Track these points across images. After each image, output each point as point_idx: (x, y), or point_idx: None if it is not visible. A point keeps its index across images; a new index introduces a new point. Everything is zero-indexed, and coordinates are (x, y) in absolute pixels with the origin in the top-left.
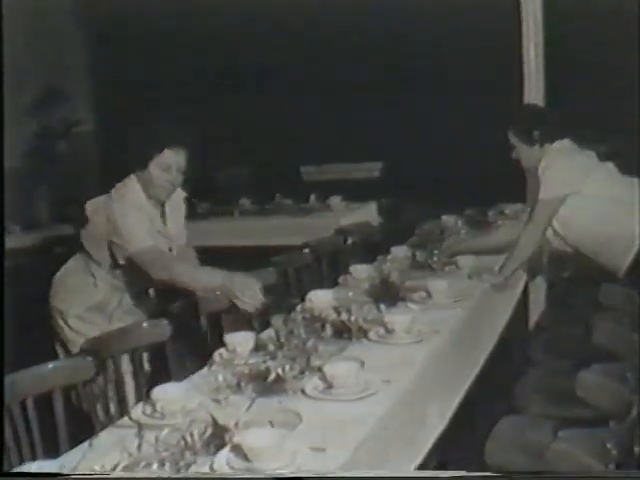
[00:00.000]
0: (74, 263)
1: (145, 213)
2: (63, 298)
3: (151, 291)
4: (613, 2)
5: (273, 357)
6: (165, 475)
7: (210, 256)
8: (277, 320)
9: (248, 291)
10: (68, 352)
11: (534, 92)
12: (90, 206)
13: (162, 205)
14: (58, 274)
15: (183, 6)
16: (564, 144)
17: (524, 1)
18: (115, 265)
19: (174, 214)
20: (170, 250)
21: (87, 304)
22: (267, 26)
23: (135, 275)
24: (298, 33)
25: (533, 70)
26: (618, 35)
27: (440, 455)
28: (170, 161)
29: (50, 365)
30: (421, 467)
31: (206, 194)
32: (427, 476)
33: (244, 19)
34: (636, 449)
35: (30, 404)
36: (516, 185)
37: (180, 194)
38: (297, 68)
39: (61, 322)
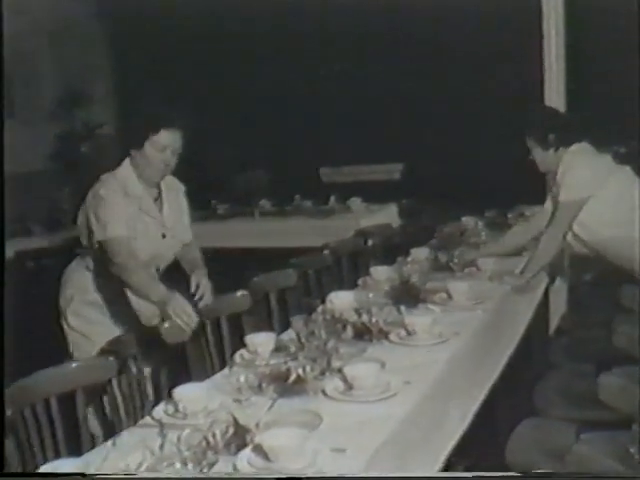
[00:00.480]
0: (75, 263)
1: (132, 197)
2: (63, 296)
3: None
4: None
5: (294, 358)
6: (188, 475)
7: (230, 257)
8: (298, 321)
9: (181, 314)
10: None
11: (555, 94)
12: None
13: (159, 191)
14: (63, 276)
15: (204, 8)
16: (582, 147)
17: (545, 4)
18: (91, 249)
19: (172, 204)
20: (164, 237)
21: (83, 299)
22: (285, 27)
23: (104, 265)
24: (319, 34)
25: (554, 72)
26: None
27: (461, 456)
28: (165, 142)
29: (73, 365)
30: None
31: (226, 196)
32: (433, 476)
33: (265, 20)
34: None
35: (54, 403)
36: (536, 187)
37: (179, 187)
38: (319, 69)
39: (63, 322)
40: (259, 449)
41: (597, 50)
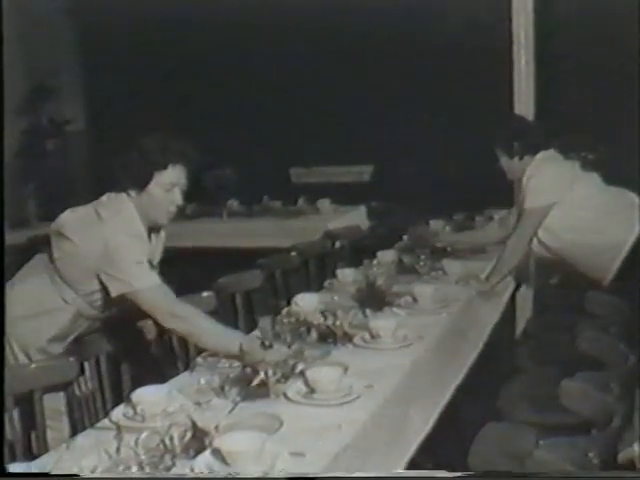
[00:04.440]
0: (37, 278)
1: (144, 241)
2: (23, 323)
3: None
4: (606, 11)
5: None
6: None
7: (196, 257)
8: (264, 322)
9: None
10: None
11: (524, 100)
12: (68, 223)
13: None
14: (17, 288)
15: (176, 5)
16: (549, 154)
17: (515, 11)
18: (106, 298)
19: (159, 236)
20: None
21: (50, 333)
22: (259, 28)
23: (125, 312)
24: (290, 34)
25: (523, 78)
26: (611, 44)
27: (423, 460)
28: (174, 180)
29: (32, 365)
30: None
31: (194, 195)
32: (424, 476)
33: (237, 20)
34: (619, 456)
35: (10, 404)
36: (504, 191)
37: None
38: (289, 69)
39: (17, 350)
40: (217, 453)
41: (567, 57)
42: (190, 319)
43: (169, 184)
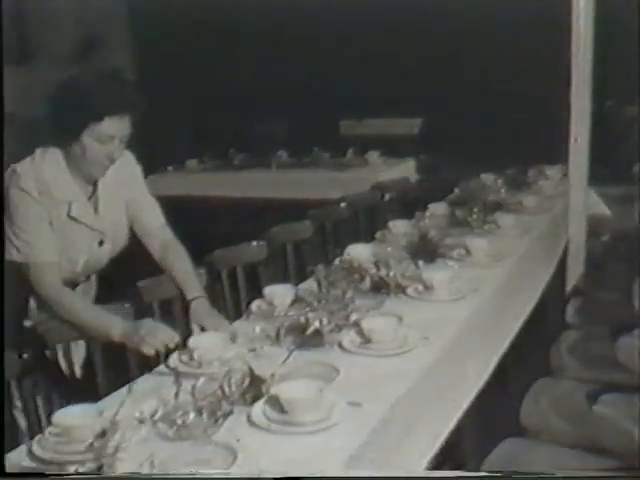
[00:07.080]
0: None
1: (58, 201)
2: None
3: None
4: None
5: (313, 309)
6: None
7: (246, 207)
8: (320, 270)
9: (156, 336)
10: None
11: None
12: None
13: (94, 186)
14: None
15: None
16: None
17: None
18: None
19: (113, 196)
20: (101, 243)
21: None
22: None
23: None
24: None
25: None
26: None
27: (475, 417)
28: (112, 131)
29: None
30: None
31: (243, 145)
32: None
33: None
34: None
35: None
36: (558, 146)
37: (131, 168)
38: (341, 22)
39: None
40: (275, 400)
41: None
42: (68, 305)
43: (105, 135)
